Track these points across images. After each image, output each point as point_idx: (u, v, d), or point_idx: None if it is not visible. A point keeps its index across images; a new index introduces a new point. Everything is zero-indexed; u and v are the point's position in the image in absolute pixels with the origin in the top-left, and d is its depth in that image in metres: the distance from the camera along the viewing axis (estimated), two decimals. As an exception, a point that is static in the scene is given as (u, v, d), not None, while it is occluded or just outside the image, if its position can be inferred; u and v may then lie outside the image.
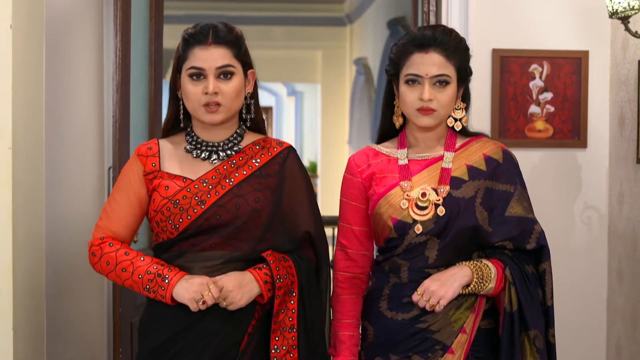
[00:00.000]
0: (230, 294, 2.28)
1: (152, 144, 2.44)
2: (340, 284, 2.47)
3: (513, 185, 2.38)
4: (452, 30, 2.40)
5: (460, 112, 2.43)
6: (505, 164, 2.40)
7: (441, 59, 2.34)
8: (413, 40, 2.37)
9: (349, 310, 2.45)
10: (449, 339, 2.31)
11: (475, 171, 2.38)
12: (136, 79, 3.77)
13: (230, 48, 2.35)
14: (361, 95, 9.23)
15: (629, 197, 3.60)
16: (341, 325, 2.44)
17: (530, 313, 2.31)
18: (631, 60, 3.58)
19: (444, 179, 2.37)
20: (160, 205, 2.35)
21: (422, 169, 2.40)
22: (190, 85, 2.35)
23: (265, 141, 2.46)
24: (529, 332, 2.30)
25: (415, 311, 2.33)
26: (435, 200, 2.34)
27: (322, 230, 2.47)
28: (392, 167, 2.42)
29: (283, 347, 2.33)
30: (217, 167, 2.38)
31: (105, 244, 2.38)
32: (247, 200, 2.34)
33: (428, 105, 2.34)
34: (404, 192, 2.37)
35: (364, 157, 2.47)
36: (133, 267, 2.32)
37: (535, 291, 2.34)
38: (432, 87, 2.34)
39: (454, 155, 2.40)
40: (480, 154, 2.40)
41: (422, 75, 2.34)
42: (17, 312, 2.64)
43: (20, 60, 2.69)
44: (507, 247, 2.36)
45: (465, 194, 2.35)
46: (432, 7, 3.84)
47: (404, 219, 2.35)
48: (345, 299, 2.46)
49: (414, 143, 2.45)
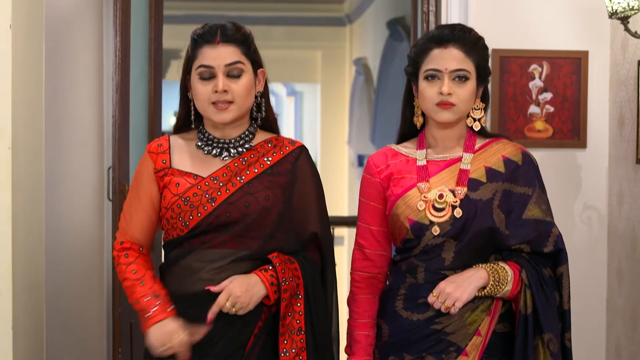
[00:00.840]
0: (238, 299, 2.28)
1: (162, 140, 2.44)
2: (357, 283, 2.47)
3: (531, 188, 2.37)
4: (470, 29, 2.42)
5: (479, 112, 2.42)
6: (524, 166, 2.39)
7: (460, 54, 2.35)
8: (432, 37, 2.39)
9: (365, 310, 2.45)
10: (463, 341, 2.30)
11: (493, 173, 2.37)
12: (136, 79, 3.77)
13: (239, 46, 2.35)
14: (361, 95, 9.23)
15: (629, 197, 3.60)
16: (357, 325, 2.44)
17: (545, 316, 2.29)
18: (631, 60, 3.58)
19: (461, 181, 2.36)
20: (171, 202, 2.34)
21: (440, 170, 2.39)
22: (200, 85, 2.35)
23: (278, 140, 2.45)
24: (543, 336, 2.28)
25: (430, 312, 2.32)
26: (452, 202, 2.33)
27: (328, 231, 2.47)
28: (411, 168, 2.42)
29: (292, 350, 2.33)
30: (228, 165, 2.38)
31: (122, 254, 2.40)
32: (258, 198, 2.34)
33: (447, 99, 2.34)
34: (422, 194, 2.36)
35: (382, 157, 2.47)
36: (133, 290, 2.35)
37: (552, 295, 2.32)
38: (452, 82, 2.34)
39: (473, 157, 2.39)
40: (499, 156, 2.39)
41: (441, 69, 2.34)
42: (16, 312, 2.64)
43: (20, 60, 2.68)
44: (525, 250, 2.34)
45: (483, 196, 2.34)
46: (432, 7, 3.84)
47: (420, 220, 2.34)
48: (362, 299, 2.45)
49: (433, 143, 2.44)
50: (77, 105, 3.68)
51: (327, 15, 9.71)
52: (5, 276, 2.60)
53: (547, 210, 2.39)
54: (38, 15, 2.88)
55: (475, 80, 2.38)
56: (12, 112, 2.62)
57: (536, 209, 2.36)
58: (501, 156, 2.39)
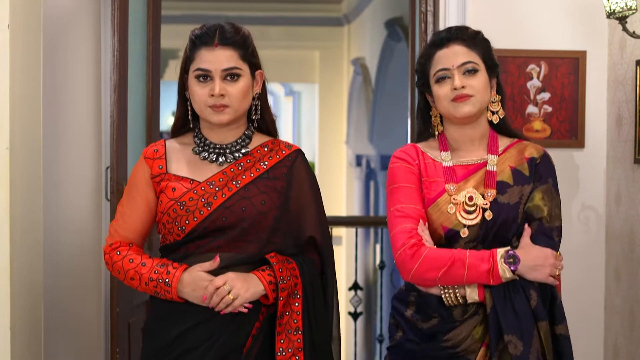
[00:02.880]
0: (235, 284, 2.28)
1: (158, 145, 2.44)
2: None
3: (543, 183, 2.38)
4: (467, 27, 2.45)
5: (496, 104, 2.43)
6: (542, 162, 2.40)
7: (463, 48, 2.38)
8: (432, 43, 2.42)
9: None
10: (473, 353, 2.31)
11: (519, 175, 2.38)
12: (134, 79, 3.77)
13: (236, 49, 2.34)
14: (359, 95, 9.24)
15: (627, 197, 3.60)
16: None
17: (505, 317, 2.26)
18: (629, 60, 3.58)
19: (490, 183, 2.36)
20: (167, 207, 2.35)
21: (468, 175, 2.39)
22: (197, 87, 2.34)
23: (274, 143, 2.45)
24: (504, 337, 2.25)
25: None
26: (482, 205, 2.33)
27: (327, 234, 2.46)
28: (438, 172, 2.41)
29: (288, 349, 2.32)
30: (225, 169, 2.38)
31: (113, 253, 2.40)
32: (253, 202, 2.34)
33: (462, 92, 2.34)
34: (451, 196, 2.35)
35: (413, 150, 2.45)
36: (138, 274, 2.34)
37: (517, 294, 2.28)
38: (463, 76, 2.35)
39: (498, 159, 2.39)
40: (522, 157, 2.40)
41: (449, 67, 2.36)
42: (14, 312, 2.63)
43: (18, 60, 2.68)
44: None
45: (511, 200, 2.34)
46: (430, 8, 3.84)
47: (455, 227, 2.33)
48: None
49: (455, 146, 2.43)
50: (75, 105, 3.67)
51: (325, 15, 9.72)
52: (3, 276, 2.60)
53: (551, 207, 2.38)
54: (36, 15, 2.88)
55: (486, 72, 2.39)
56: (9, 112, 2.61)
57: (538, 199, 2.36)
58: (524, 157, 2.40)
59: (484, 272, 2.24)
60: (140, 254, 2.39)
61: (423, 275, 2.28)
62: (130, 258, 2.37)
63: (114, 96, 3.57)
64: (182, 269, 2.31)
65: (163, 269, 2.32)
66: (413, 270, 2.28)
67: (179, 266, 2.32)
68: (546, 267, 2.29)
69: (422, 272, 2.28)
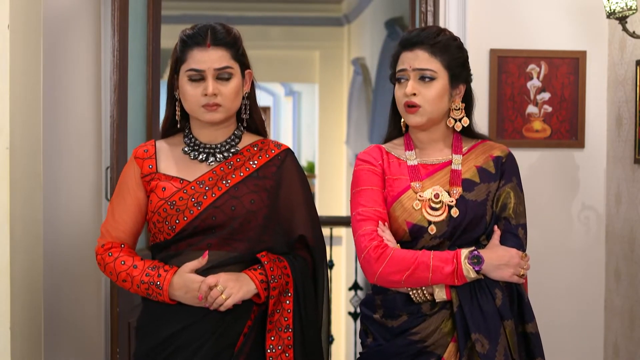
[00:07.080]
0: (227, 284, 2.28)
1: (148, 145, 2.45)
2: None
3: (508, 182, 2.39)
4: (443, 30, 2.42)
5: (459, 112, 2.43)
6: (507, 161, 2.41)
7: (425, 54, 2.37)
8: (401, 42, 2.42)
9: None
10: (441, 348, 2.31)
11: (485, 173, 2.39)
12: (134, 79, 3.77)
13: (228, 49, 2.37)
14: (359, 95, 9.23)
15: (627, 197, 3.60)
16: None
17: (471, 316, 2.27)
18: (629, 60, 3.58)
19: (455, 181, 2.37)
20: (157, 206, 2.36)
21: (432, 173, 2.40)
22: (189, 87, 2.36)
23: (264, 143, 2.47)
24: (471, 336, 2.27)
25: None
26: (448, 202, 2.34)
27: (319, 232, 2.47)
28: (403, 170, 2.42)
29: (279, 347, 2.33)
30: (214, 169, 2.39)
31: (105, 254, 2.41)
32: (243, 201, 2.35)
33: (411, 100, 2.35)
34: (416, 193, 2.36)
35: (377, 151, 2.47)
36: (130, 277, 2.35)
37: (482, 293, 2.29)
38: (417, 82, 2.36)
39: (463, 158, 2.40)
40: (487, 155, 2.41)
41: (406, 68, 2.37)
42: (14, 312, 2.64)
43: (18, 60, 2.68)
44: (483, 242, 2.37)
45: (478, 197, 2.35)
46: (430, 8, 3.84)
47: (419, 222, 2.34)
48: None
49: (420, 145, 2.45)
50: (75, 106, 3.67)
51: (325, 15, 9.71)
52: (3, 276, 2.60)
53: (516, 205, 2.37)
54: (36, 15, 2.88)
55: (447, 81, 2.38)
56: (9, 112, 2.62)
57: (504, 198, 2.37)
58: (489, 155, 2.41)
59: (449, 274, 2.26)
60: (132, 256, 2.40)
61: (388, 278, 2.29)
62: (122, 260, 2.38)
63: (114, 96, 3.57)
64: (173, 272, 2.32)
65: (154, 271, 2.33)
66: (378, 273, 2.30)
67: (170, 269, 2.33)
68: (510, 266, 2.30)
69: (387, 274, 2.29)
